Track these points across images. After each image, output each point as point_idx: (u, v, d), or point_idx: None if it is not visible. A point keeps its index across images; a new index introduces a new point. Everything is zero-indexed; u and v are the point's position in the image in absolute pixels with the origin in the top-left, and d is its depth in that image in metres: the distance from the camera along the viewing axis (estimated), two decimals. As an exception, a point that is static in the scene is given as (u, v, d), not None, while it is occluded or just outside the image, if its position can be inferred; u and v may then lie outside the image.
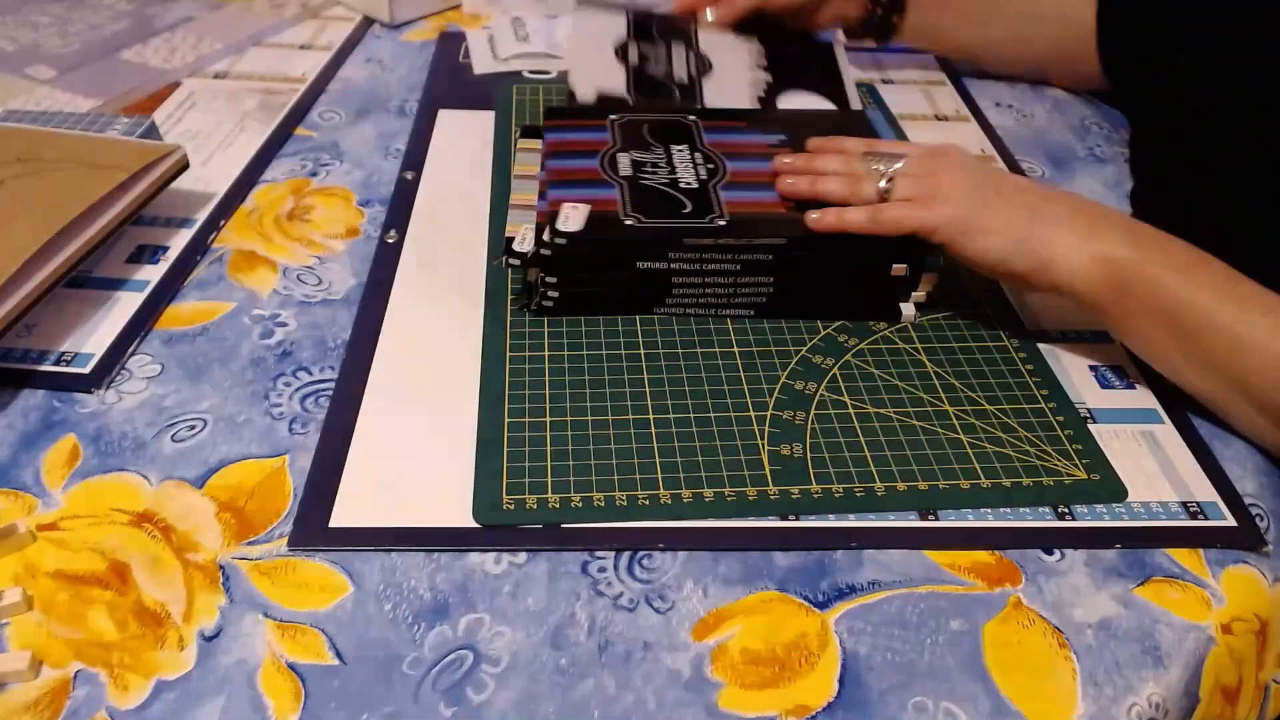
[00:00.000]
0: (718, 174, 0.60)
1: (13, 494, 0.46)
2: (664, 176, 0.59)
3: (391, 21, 0.92)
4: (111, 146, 0.61)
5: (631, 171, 0.60)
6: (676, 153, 0.62)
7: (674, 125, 0.65)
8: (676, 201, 0.57)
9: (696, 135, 0.64)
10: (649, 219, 0.56)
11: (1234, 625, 0.43)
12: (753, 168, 0.61)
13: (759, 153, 0.63)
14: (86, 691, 0.38)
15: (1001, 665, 0.41)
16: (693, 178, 0.59)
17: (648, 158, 0.61)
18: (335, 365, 0.54)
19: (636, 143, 0.63)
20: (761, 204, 0.58)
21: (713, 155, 0.62)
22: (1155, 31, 0.67)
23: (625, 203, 0.57)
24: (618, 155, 0.61)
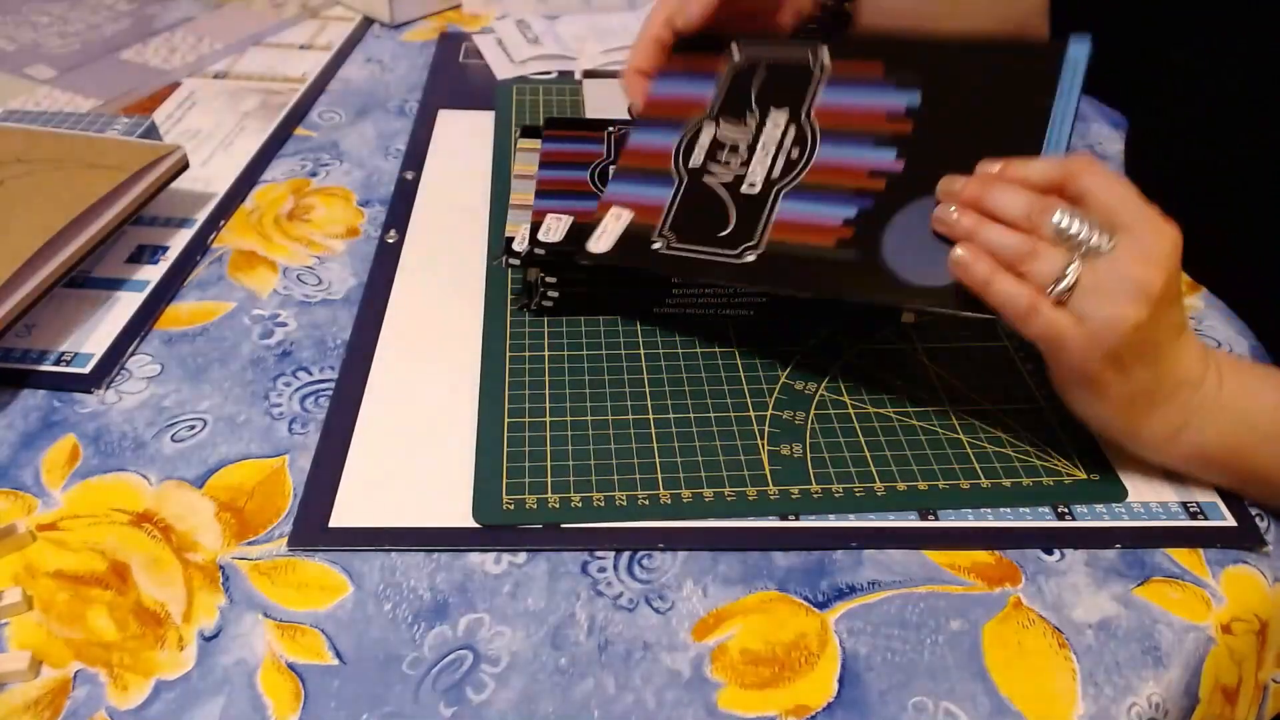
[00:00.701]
0: (797, 168, 0.52)
1: (12, 494, 0.46)
2: (733, 172, 0.54)
3: (391, 21, 0.92)
4: (111, 146, 0.61)
5: (703, 160, 0.54)
6: (769, 129, 0.54)
7: (791, 73, 0.55)
8: (722, 217, 0.52)
9: (810, 94, 0.54)
10: (681, 242, 0.52)
11: (1234, 625, 0.43)
12: (847, 159, 0.52)
13: (869, 129, 0.52)
14: (86, 691, 0.38)
15: (1001, 665, 0.41)
16: (761, 176, 0.53)
17: (732, 136, 0.55)
18: (335, 365, 0.54)
19: (735, 106, 0.56)
20: (816, 229, 0.50)
21: (808, 132, 0.53)
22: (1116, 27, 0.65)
23: (668, 215, 0.53)
24: (704, 125, 0.56)
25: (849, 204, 0.50)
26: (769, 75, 0.56)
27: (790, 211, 0.51)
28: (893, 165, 0.50)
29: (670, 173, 0.55)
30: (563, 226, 0.55)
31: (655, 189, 0.55)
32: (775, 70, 0.56)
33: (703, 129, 0.56)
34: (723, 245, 0.51)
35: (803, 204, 0.51)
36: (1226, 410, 0.44)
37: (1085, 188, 0.42)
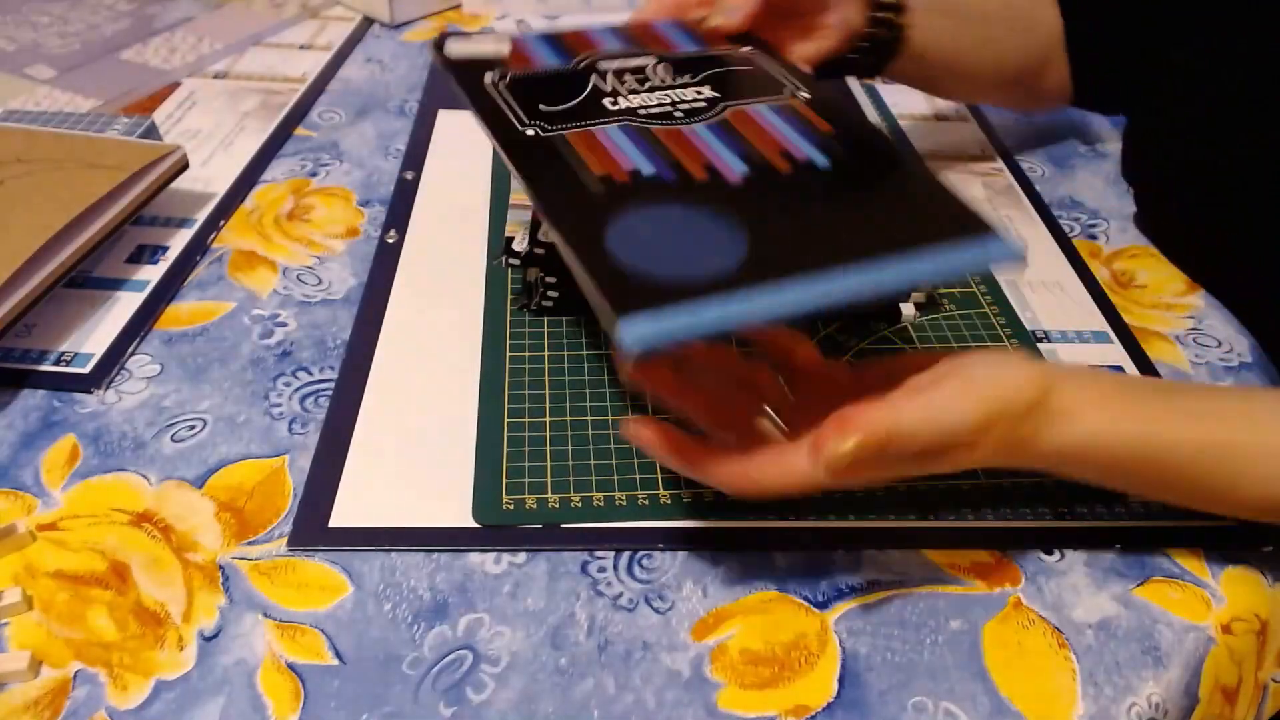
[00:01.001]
0: (665, 118, 0.46)
1: (12, 494, 0.46)
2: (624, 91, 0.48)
3: (391, 21, 0.92)
4: (111, 146, 0.61)
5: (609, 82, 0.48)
6: (683, 88, 0.48)
7: (760, 81, 0.50)
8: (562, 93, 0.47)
9: (751, 98, 0.48)
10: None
11: (1234, 625, 0.43)
12: (706, 144, 0.44)
13: (756, 146, 0.45)
14: (86, 691, 0.38)
15: (1001, 665, 0.41)
16: (634, 104, 0.47)
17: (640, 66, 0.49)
18: (335, 365, 0.54)
19: (680, 63, 0.50)
20: (608, 160, 0.43)
21: (710, 112, 0.47)
22: (1123, 29, 0.64)
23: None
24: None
25: (651, 161, 0.42)
26: (741, 72, 0.51)
27: (604, 134, 0.44)
28: (734, 176, 0.42)
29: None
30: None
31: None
32: (750, 74, 0.51)
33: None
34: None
35: (622, 136, 0.44)
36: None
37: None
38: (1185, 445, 0.41)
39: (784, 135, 0.44)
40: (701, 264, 0.36)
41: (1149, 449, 0.41)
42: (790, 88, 0.48)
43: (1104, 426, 0.40)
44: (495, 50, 0.49)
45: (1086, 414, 0.40)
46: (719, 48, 0.52)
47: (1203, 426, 0.41)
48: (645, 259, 0.36)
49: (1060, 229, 0.67)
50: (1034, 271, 0.63)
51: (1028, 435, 0.39)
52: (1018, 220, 0.68)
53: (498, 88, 0.46)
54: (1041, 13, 0.64)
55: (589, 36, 0.52)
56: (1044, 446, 0.40)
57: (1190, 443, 0.41)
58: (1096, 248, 0.66)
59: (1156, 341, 0.58)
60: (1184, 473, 0.41)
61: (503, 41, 0.50)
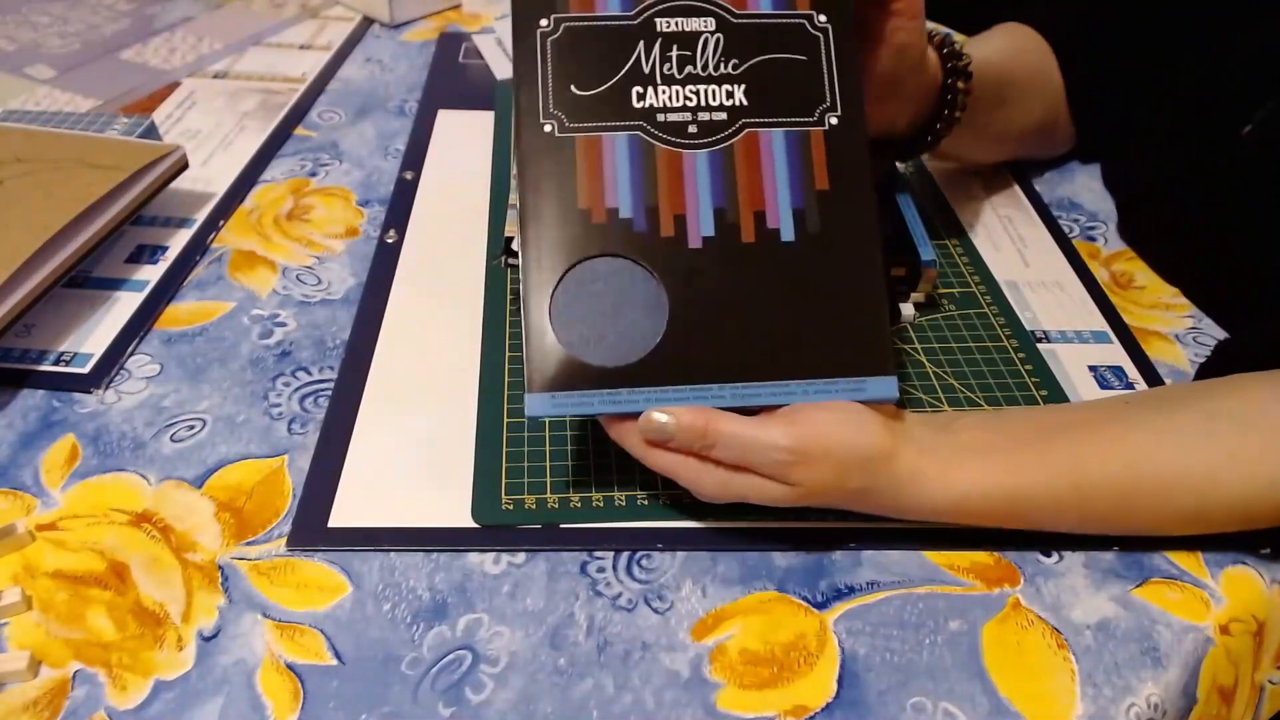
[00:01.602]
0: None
1: (12, 494, 0.46)
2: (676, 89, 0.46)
3: (391, 21, 0.92)
4: (111, 146, 0.61)
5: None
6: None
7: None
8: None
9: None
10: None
11: (1232, 626, 0.43)
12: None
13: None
14: (85, 691, 0.38)
15: (1000, 666, 0.41)
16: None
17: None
18: (334, 365, 0.54)
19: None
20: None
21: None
22: (1119, 81, 0.67)
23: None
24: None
25: (634, 198, 0.43)
26: (790, 68, 0.47)
27: (610, 148, 0.44)
28: (694, 239, 0.43)
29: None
30: None
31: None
32: (798, 73, 0.47)
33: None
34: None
35: (625, 154, 0.44)
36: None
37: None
38: (1060, 488, 0.42)
39: (773, 187, 0.44)
40: (617, 346, 0.42)
41: (1022, 500, 0.42)
42: (827, 104, 0.46)
43: (971, 486, 0.42)
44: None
45: (950, 475, 0.42)
46: (795, 10, 0.46)
47: (1081, 467, 0.42)
48: (572, 329, 0.42)
49: (1060, 229, 0.67)
50: (1034, 272, 0.63)
51: (867, 487, 0.41)
52: (1018, 220, 0.68)
53: (547, 43, 0.45)
54: (1052, 69, 0.66)
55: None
56: (906, 503, 0.42)
57: (1062, 486, 0.42)
58: (1095, 249, 0.66)
59: (1156, 341, 0.58)
60: (1074, 513, 0.43)
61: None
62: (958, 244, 0.65)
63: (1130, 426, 0.43)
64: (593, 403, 0.41)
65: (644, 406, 0.41)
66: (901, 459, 0.41)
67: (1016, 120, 0.65)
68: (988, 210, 0.69)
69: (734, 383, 0.42)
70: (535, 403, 0.41)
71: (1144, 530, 0.45)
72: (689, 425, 0.40)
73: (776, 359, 0.42)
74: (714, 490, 0.42)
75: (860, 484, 0.41)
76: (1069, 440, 0.43)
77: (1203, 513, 0.42)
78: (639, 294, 0.42)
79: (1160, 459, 0.42)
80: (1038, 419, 0.46)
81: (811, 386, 0.42)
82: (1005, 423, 0.45)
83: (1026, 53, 0.66)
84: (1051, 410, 0.47)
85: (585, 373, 0.41)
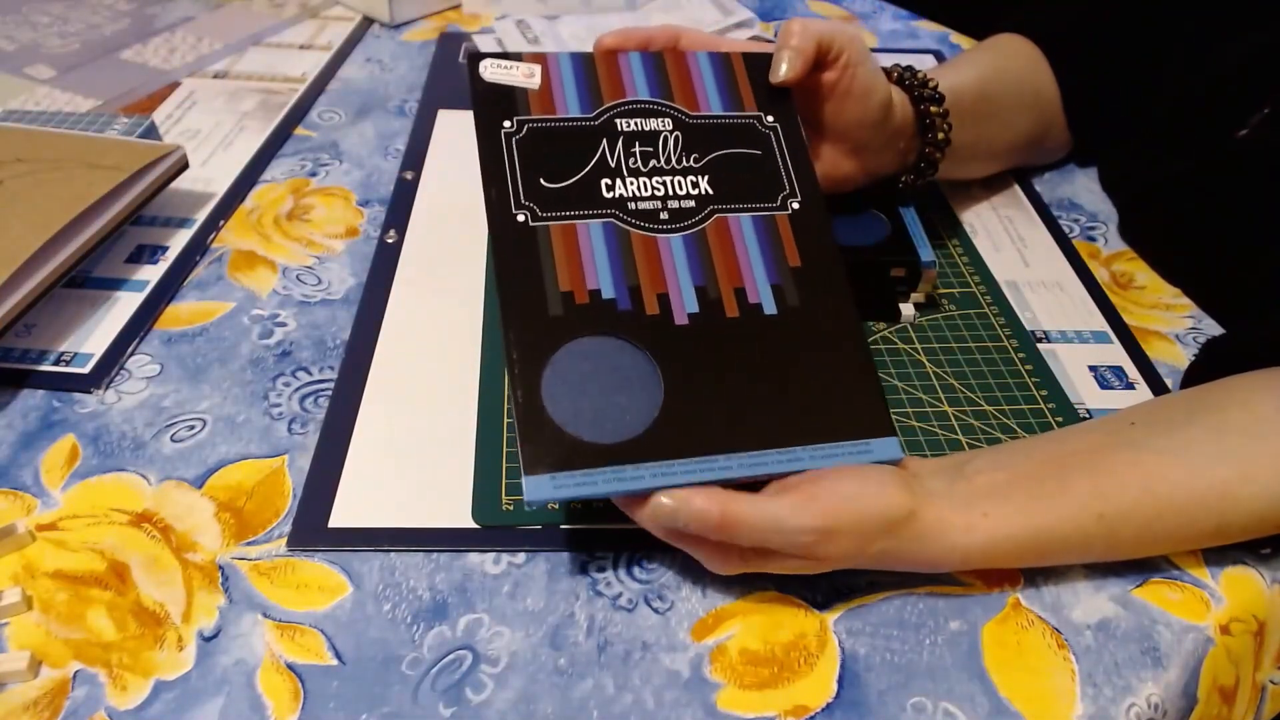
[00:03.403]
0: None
1: (12, 494, 0.46)
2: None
3: (391, 21, 0.92)
4: (111, 146, 0.61)
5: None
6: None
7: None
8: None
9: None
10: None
11: (1232, 626, 0.43)
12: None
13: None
14: (85, 691, 0.38)
15: (1000, 666, 0.41)
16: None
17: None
18: (334, 365, 0.54)
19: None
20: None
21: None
22: (1114, 84, 0.67)
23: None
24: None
25: (615, 279, 0.44)
26: (747, 161, 0.48)
27: (585, 233, 0.44)
28: (681, 316, 0.43)
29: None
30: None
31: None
32: (756, 166, 0.49)
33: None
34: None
35: (601, 239, 0.45)
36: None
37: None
38: (1085, 522, 0.42)
39: (749, 265, 0.45)
40: (615, 422, 0.41)
41: (1049, 539, 0.42)
42: (787, 191, 0.48)
43: (996, 530, 0.41)
44: (526, 82, 0.48)
45: (974, 523, 0.41)
46: (743, 111, 0.49)
47: (1103, 499, 0.42)
48: (567, 407, 0.40)
49: (1060, 230, 0.67)
50: (1034, 272, 0.63)
51: (892, 548, 0.40)
52: (1018, 221, 0.68)
53: (512, 142, 0.46)
54: (1041, 82, 0.66)
55: (620, 71, 0.49)
56: (932, 557, 0.41)
57: (1087, 520, 0.42)
58: (1095, 249, 0.66)
59: (1156, 341, 0.58)
60: (1101, 544, 0.42)
61: (533, 75, 0.48)
62: (958, 244, 0.65)
63: (1141, 449, 0.43)
64: (596, 481, 0.39)
65: (651, 483, 0.39)
66: (924, 516, 0.40)
67: (1002, 135, 0.65)
68: (988, 210, 0.69)
69: (740, 452, 0.41)
70: (535, 486, 0.38)
71: (1167, 551, 0.45)
72: (702, 514, 0.38)
73: (778, 427, 0.42)
74: (734, 570, 0.41)
75: (884, 546, 0.40)
76: (1086, 472, 0.42)
77: (1221, 529, 0.42)
78: (632, 369, 0.42)
79: (1176, 481, 0.42)
80: (1048, 451, 0.44)
81: (819, 451, 0.42)
82: (1017, 459, 0.44)
83: (1008, 69, 0.66)
84: (1060, 439, 0.45)
85: (585, 451, 0.39)
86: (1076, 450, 0.44)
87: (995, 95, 0.63)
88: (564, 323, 0.42)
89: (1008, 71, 0.65)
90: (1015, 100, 0.65)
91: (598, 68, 0.49)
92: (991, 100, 0.62)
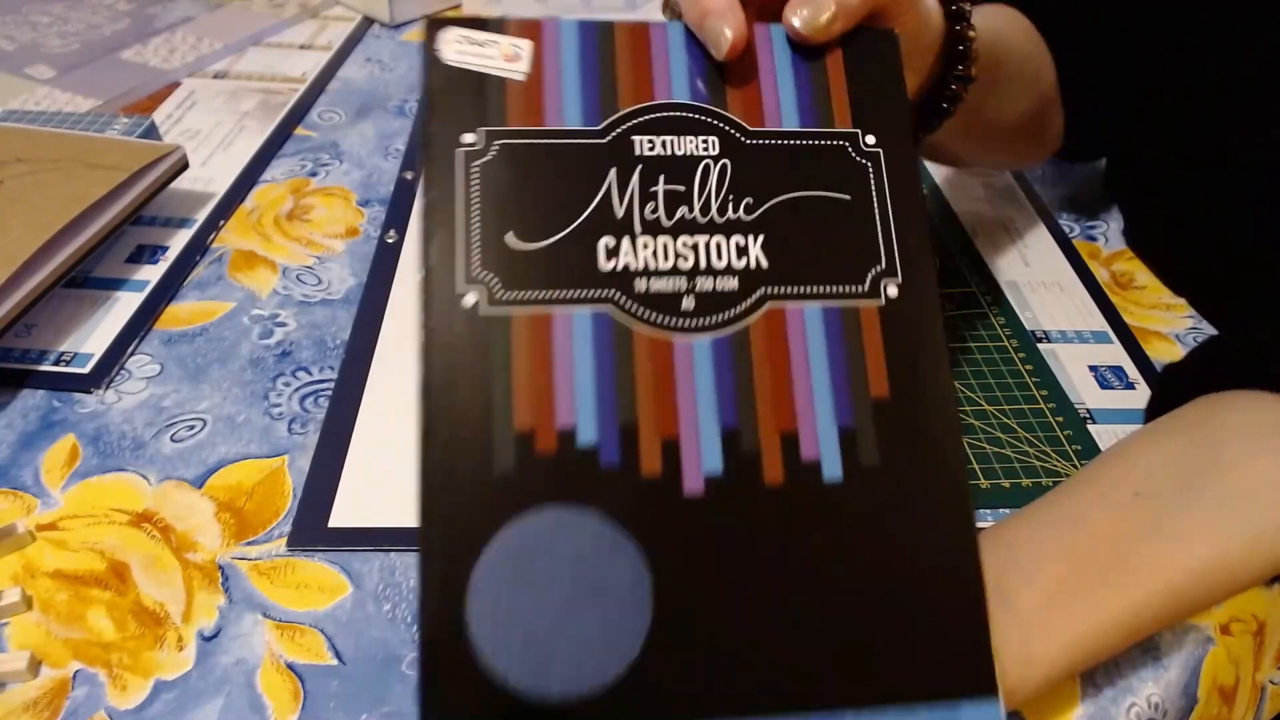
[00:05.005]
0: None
1: (12, 494, 0.46)
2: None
3: (391, 21, 0.92)
4: (111, 146, 0.61)
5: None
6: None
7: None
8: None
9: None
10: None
11: (1232, 626, 0.43)
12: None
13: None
14: (85, 691, 0.38)
15: (1000, 666, 0.41)
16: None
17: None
18: (335, 365, 0.54)
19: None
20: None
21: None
22: (1113, 74, 0.61)
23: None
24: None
25: (601, 413, 0.30)
26: (827, 210, 0.33)
27: (565, 331, 0.30)
28: (694, 481, 0.29)
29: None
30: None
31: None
32: (839, 218, 0.33)
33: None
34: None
35: (587, 342, 0.31)
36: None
37: None
38: (1114, 637, 0.38)
39: (809, 394, 0.30)
40: (574, 662, 0.27)
41: (1105, 637, 0.38)
42: (883, 266, 0.32)
43: (1052, 659, 0.36)
44: (507, 69, 0.32)
45: (1036, 663, 0.36)
46: (832, 126, 0.33)
47: (1135, 610, 0.38)
48: (501, 631, 0.27)
49: (1060, 229, 0.67)
50: (1034, 272, 0.63)
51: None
52: (1018, 220, 0.68)
53: (472, 168, 0.31)
54: (1043, 61, 0.60)
55: (651, 53, 0.34)
56: (1021, 697, 0.36)
57: (1117, 635, 0.38)
58: (1095, 249, 0.66)
59: (1156, 341, 0.58)
60: (1126, 642, 0.39)
61: (519, 56, 0.33)
62: (958, 244, 0.65)
63: (1159, 537, 0.39)
64: None
65: None
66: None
67: (1007, 108, 0.57)
68: (988, 210, 0.69)
69: (758, 718, 0.28)
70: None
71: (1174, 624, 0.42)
72: None
73: (821, 676, 0.28)
74: None
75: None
76: (1116, 576, 0.38)
77: (1229, 594, 0.40)
78: (609, 574, 0.28)
79: (1194, 569, 0.39)
80: (1066, 545, 0.39)
81: (894, 713, 0.28)
82: (1039, 561, 0.38)
83: (1013, 36, 0.59)
84: (1073, 524, 0.40)
85: (522, 709, 0.26)
86: (1094, 546, 0.39)
87: (1004, 60, 0.54)
88: (514, 485, 0.29)
89: (1013, 37, 0.58)
90: (1020, 71, 0.58)
91: (617, 47, 0.33)
92: (1001, 65, 0.54)
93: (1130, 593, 0.38)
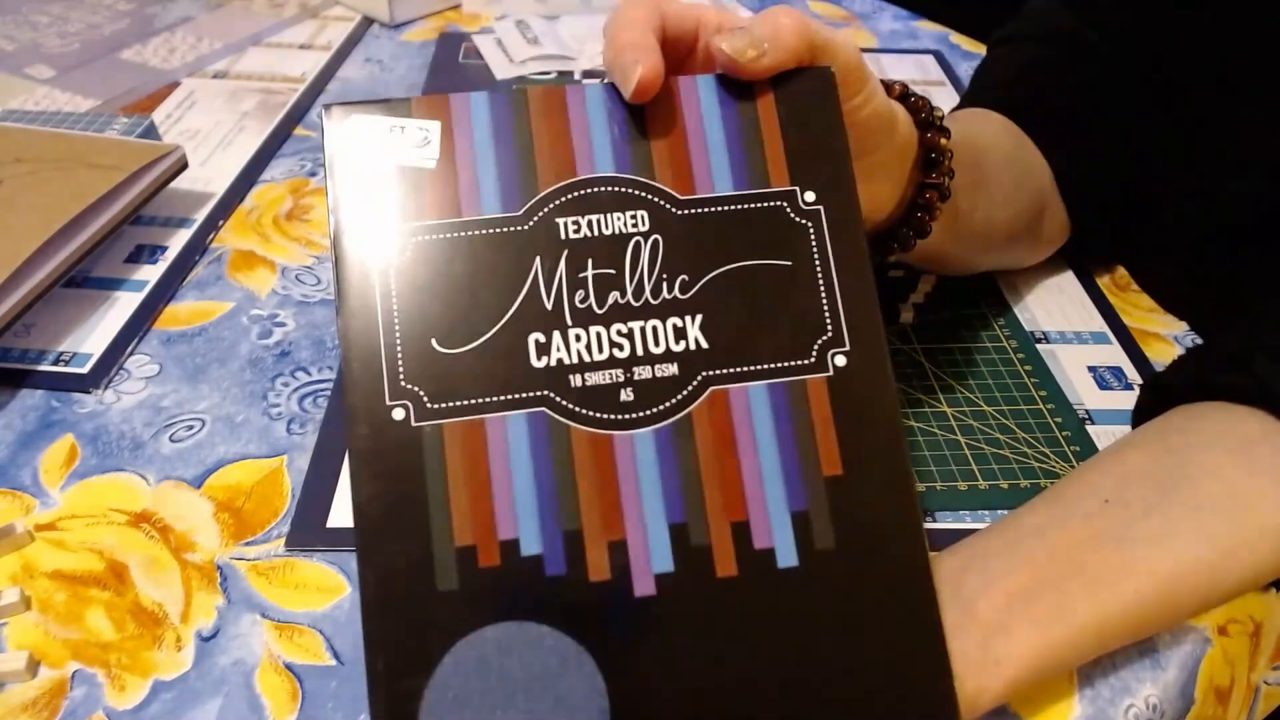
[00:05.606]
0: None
1: (11, 494, 0.46)
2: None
3: (391, 21, 0.92)
4: (110, 146, 0.61)
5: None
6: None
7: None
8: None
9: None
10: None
11: (1230, 627, 0.43)
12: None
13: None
14: (84, 692, 0.39)
15: (998, 667, 0.41)
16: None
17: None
18: (334, 365, 0.54)
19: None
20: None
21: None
22: (1108, 169, 0.59)
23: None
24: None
25: (544, 522, 0.29)
26: (768, 279, 0.32)
27: (500, 437, 0.30)
28: (644, 582, 0.29)
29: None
30: None
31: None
32: (781, 286, 0.32)
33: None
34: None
35: (524, 447, 0.30)
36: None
37: None
38: (1086, 645, 0.38)
39: (758, 479, 0.29)
40: None
41: (1053, 663, 0.37)
42: (829, 334, 0.31)
43: (1015, 663, 0.35)
44: (416, 157, 0.31)
45: (996, 668, 0.35)
46: (767, 185, 0.32)
47: (1103, 615, 0.37)
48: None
49: (1059, 230, 0.67)
50: (1034, 272, 0.63)
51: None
52: (1016, 221, 0.68)
53: (388, 273, 0.30)
54: (1034, 159, 0.58)
55: (569, 121, 0.32)
56: (984, 703, 0.35)
57: (1089, 642, 0.38)
58: (1095, 249, 0.66)
59: (1155, 343, 0.58)
60: (1097, 650, 0.39)
61: (428, 140, 0.31)
62: (957, 245, 0.65)
63: (1126, 543, 0.38)
64: None
65: None
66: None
67: (998, 210, 0.54)
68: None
69: None
70: None
71: (1148, 636, 0.42)
72: None
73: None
74: None
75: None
76: (1081, 582, 0.37)
77: (1205, 606, 0.40)
78: (564, 685, 0.27)
79: (1164, 574, 0.38)
80: (1035, 551, 0.38)
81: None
82: (1008, 564, 0.38)
83: (999, 134, 0.57)
84: (1039, 532, 0.39)
85: None
86: (1064, 547, 0.38)
87: (991, 154, 0.54)
88: (460, 603, 0.28)
89: (1000, 135, 0.57)
90: (1010, 168, 0.56)
91: (532, 117, 0.32)
92: (989, 160, 0.53)
93: (1097, 597, 0.37)
